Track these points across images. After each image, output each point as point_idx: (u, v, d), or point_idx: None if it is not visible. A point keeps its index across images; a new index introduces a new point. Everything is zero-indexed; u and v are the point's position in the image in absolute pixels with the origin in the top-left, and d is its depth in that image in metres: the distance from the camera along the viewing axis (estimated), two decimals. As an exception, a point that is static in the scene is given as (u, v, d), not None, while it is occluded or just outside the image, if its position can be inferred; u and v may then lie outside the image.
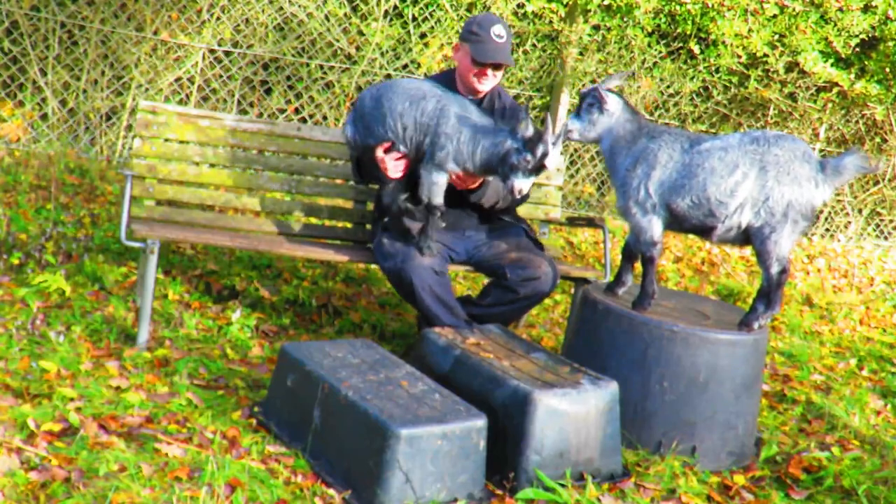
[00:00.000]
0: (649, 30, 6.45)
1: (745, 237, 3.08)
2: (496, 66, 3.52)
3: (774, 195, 2.97)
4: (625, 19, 6.31)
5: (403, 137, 3.33)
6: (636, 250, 3.22)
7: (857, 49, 6.69)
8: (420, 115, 3.29)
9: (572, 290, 4.22)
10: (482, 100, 3.62)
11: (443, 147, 3.27)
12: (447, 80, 3.63)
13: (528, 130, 3.10)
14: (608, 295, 3.31)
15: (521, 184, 3.12)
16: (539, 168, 3.10)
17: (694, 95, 6.94)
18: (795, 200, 2.97)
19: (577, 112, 3.23)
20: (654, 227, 3.12)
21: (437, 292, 3.35)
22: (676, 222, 3.13)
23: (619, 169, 3.17)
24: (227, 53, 5.87)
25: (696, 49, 6.54)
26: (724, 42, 6.38)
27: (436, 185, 3.34)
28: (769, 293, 3.09)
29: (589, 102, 3.18)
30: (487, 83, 3.55)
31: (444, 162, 3.29)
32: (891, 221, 7.73)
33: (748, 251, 6.16)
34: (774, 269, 3.04)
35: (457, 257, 3.60)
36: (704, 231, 3.10)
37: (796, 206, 2.97)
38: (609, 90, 3.18)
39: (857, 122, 7.33)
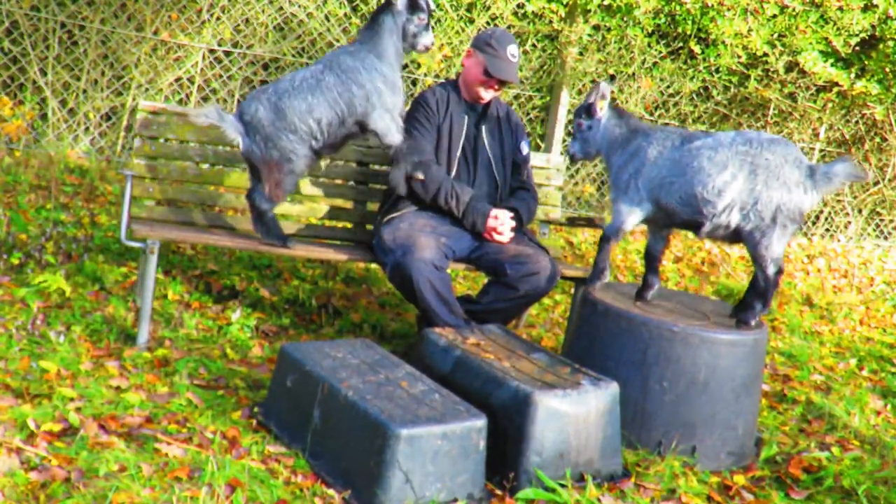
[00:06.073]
0: (649, 30, 6.45)
1: (735, 236, 3.13)
2: (503, 82, 3.67)
3: (763, 199, 2.98)
4: (625, 19, 6.30)
5: (321, 130, 3.35)
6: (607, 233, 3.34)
7: (857, 49, 6.68)
8: (332, 97, 3.33)
9: (572, 290, 4.22)
10: (487, 107, 3.77)
11: (374, 107, 3.36)
12: (450, 86, 3.76)
13: (405, 2, 3.37)
14: (593, 288, 3.39)
15: (428, 37, 3.44)
16: (430, 13, 3.44)
17: (694, 95, 6.93)
18: (784, 205, 2.98)
19: (573, 136, 3.45)
20: (630, 218, 3.24)
21: (436, 287, 3.35)
22: (667, 217, 3.22)
23: (613, 166, 3.32)
24: (227, 53, 5.87)
25: (696, 49, 6.54)
26: (724, 42, 6.37)
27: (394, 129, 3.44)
28: (765, 292, 3.12)
29: (577, 122, 3.40)
30: (491, 95, 3.73)
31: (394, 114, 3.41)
32: (891, 221, 7.73)
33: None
34: (771, 271, 3.08)
35: (457, 254, 3.60)
36: (694, 227, 3.17)
37: (784, 210, 2.99)
38: (599, 98, 3.34)
39: (857, 121, 7.32)
